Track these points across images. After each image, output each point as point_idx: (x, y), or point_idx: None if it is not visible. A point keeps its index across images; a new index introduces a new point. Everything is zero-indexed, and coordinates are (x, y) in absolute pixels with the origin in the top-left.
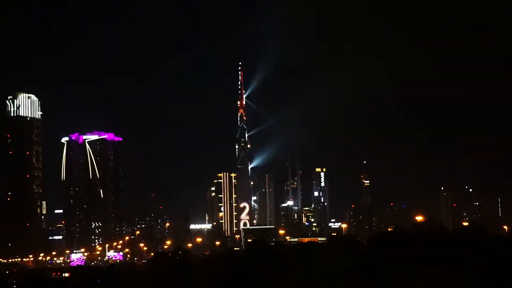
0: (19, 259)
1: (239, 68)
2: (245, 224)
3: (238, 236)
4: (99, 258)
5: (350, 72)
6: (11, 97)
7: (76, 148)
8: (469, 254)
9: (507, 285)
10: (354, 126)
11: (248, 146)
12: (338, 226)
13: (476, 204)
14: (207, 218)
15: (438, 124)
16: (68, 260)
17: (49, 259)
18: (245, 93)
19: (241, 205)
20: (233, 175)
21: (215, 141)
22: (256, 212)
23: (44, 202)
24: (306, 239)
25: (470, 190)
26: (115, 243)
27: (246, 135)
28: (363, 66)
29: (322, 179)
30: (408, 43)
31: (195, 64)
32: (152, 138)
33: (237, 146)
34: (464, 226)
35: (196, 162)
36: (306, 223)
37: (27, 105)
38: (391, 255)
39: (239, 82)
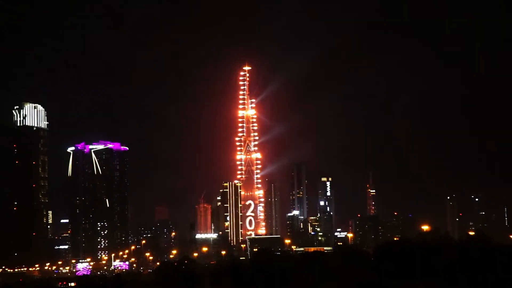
0: (25, 269)
1: (245, 74)
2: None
3: (244, 245)
4: (105, 267)
5: (354, 78)
6: (17, 107)
7: (82, 157)
8: (474, 265)
9: None
10: (359, 135)
11: (254, 155)
12: (344, 236)
13: (482, 214)
14: (213, 227)
15: (444, 133)
16: (74, 270)
17: (55, 269)
18: (251, 99)
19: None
20: (239, 184)
21: (221, 150)
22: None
23: (50, 212)
24: (312, 249)
25: (476, 199)
26: (121, 253)
27: (252, 144)
28: (366, 73)
29: (328, 189)
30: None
31: (199, 69)
32: (158, 147)
33: (243, 156)
34: (470, 235)
35: (202, 171)
36: (312, 233)
37: (33, 114)
38: (397, 267)
39: (245, 88)
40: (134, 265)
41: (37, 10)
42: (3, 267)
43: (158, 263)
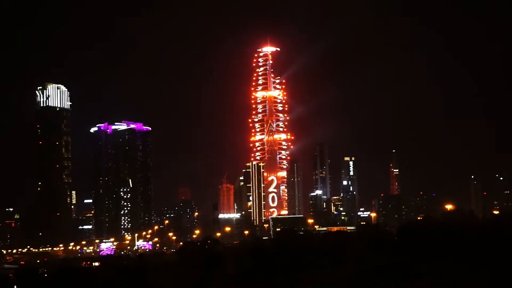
0: (50, 249)
1: (267, 55)
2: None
3: (267, 225)
4: (129, 247)
5: (379, 58)
6: (40, 87)
7: (105, 138)
8: (499, 245)
9: None
10: (383, 115)
11: (278, 135)
12: (367, 215)
13: (506, 192)
14: (235, 207)
15: (468, 111)
16: (98, 250)
17: (79, 249)
18: (276, 78)
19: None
20: (261, 164)
21: (244, 131)
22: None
23: (73, 192)
24: (335, 228)
25: (501, 178)
26: (144, 233)
27: (275, 125)
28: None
29: (351, 168)
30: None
31: (221, 50)
32: (180, 128)
33: (266, 136)
34: (494, 215)
35: (224, 151)
36: (335, 212)
37: (56, 95)
38: (420, 248)
39: (267, 69)
40: (157, 245)
41: None
42: (28, 246)
43: (181, 243)
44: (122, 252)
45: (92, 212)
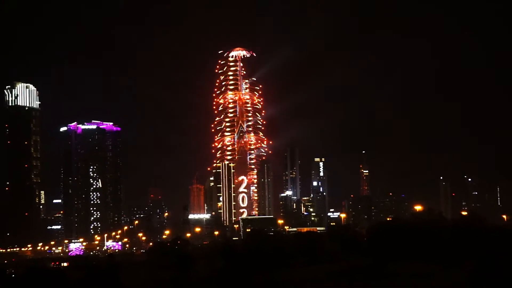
0: (18, 249)
1: (238, 56)
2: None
3: (237, 226)
4: (98, 247)
5: (349, 59)
6: (9, 86)
7: (75, 137)
8: (468, 245)
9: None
10: (353, 116)
11: (247, 135)
12: (337, 216)
13: (475, 194)
14: (206, 208)
15: (438, 114)
16: (66, 250)
17: (47, 249)
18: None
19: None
20: (232, 165)
21: (215, 131)
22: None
23: (42, 192)
24: (305, 229)
25: (469, 179)
26: (113, 233)
27: (245, 125)
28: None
29: (321, 169)
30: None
31: (193, 52)
32: (151, 129)
33: (236, 137)
34: (463, 215)
35: (195, 152)
36: (305, 213)
37: (25, 94)
38: (390, 248)
39: (237, 70)
40: (127, 245)
41: None
42: None
43: (151, 244)
44: (91, 253)
45: (61, 212)
